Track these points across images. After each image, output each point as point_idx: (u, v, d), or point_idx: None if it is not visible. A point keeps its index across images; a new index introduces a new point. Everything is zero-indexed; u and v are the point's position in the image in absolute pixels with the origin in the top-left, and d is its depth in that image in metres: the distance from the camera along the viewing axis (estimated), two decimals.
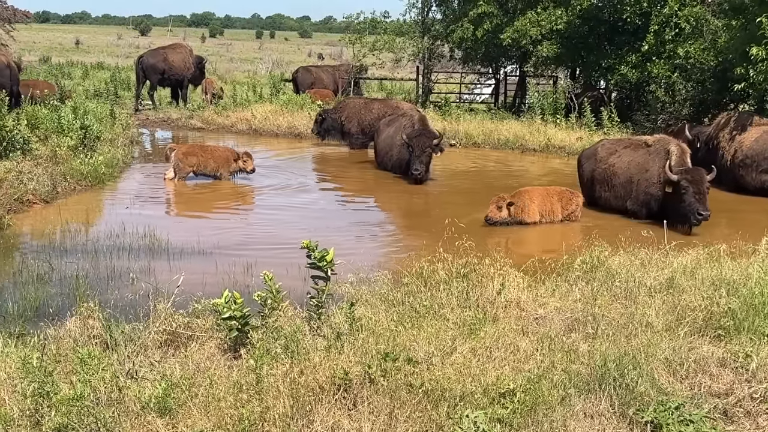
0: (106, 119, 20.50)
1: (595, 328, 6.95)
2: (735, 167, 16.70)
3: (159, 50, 30.08)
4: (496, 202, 12.90)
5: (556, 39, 26.61)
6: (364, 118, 22.00)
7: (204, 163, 16.10)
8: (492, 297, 7.73)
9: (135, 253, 10.60)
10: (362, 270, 8.75)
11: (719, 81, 22.30)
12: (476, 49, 30.31)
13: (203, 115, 26.46)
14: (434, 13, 32.70)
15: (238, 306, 6.44)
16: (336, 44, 67.67)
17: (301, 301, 7.40)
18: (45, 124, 17.58)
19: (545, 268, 9.03)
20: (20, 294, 8.47)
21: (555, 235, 12.85)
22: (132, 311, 7.48)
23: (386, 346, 6.16)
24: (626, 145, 14.78)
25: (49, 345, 6.48)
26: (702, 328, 6.95)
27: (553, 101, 25.84)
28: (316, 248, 6.89)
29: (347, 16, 33.09)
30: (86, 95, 27.45)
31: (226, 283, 8.66)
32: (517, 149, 22.78)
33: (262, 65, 55.07)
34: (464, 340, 6.52)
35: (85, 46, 77.31)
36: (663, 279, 8.32)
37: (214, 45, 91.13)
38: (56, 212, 12.68)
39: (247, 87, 34.13)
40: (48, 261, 9.87)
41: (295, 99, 27.84)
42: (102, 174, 15.40)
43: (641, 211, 13.81)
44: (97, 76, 39.40)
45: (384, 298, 7.75)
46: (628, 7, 24.40)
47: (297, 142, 23.62)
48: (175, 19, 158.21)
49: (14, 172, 13.70)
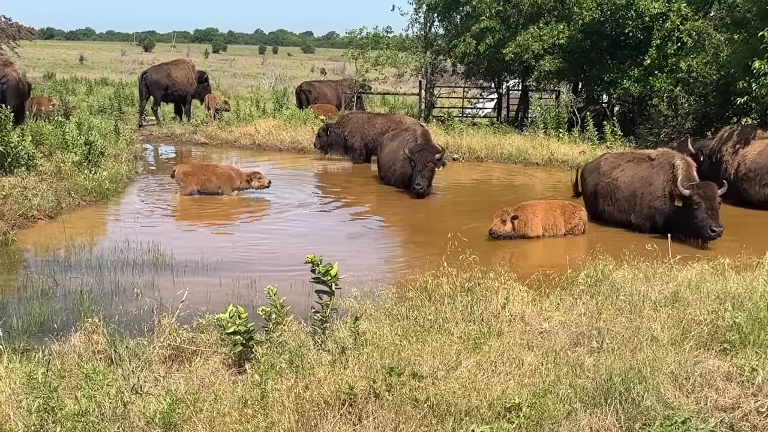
0: (110, 135, 20.56)
1: (600, 342, 6.93)
2: (738, 181, 16.68)
3: (162, 66, 30.22)
4: (500, 215, 12.90)
5: (559, 53, 26.67)
6: (367, 132, 22.05)
7: (207, 180, 16.15)
8: (496, 311, 7.72)
9: (139, 268, 10.60)
10: (366, 284, 8.74)
11: (722, 95, 22.35)
12: (479, 64, 30.38)
13: (207, 130, 26.52)
14: (437, 28, 32.80)
15: (243, 321, 6.44)
16: (339, 59, 67.85)
17: (305, 316, 7.39)
18: (50, 140, 17.62)
19: (549, 282, 9.02)
20: (25, 309, 8.47)
21: (559, 248, 12.84)
22: (136, 326, 7.47)
23: (391, 360, 6.15)
24: (629, 159, 14.79)
25: (54, 360, 6.48)
26: (707, 341, 6.93)
27: (555, 115, 25.90)
28: (321, 263, 6.90)
29: (350, 32, 33.19)
30: (90, 111, 27.55)
31: (231, 298, 8.65)
32: (521, 163, 22.79)
33: (265, 80, 55.24)
34: (469, 355, 6.51)
35: (89, 62, 77.61)
36: (668, 293, 8.31)
37: (217, 60, 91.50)
38: (60, 228, 12.70)
39: (251, 102, 34.27)
40: (52, 276, 9.88)
41: (298, 114, 27.90)
42: (106, 189, 15.43)
43: (645, 224, 13.80)
44: (101, 92, 39.54)
45: (388, 313, 7.74)
46: (630, 22, 24.48)
47: (300, 157, 23.65)
48: (179, 35, 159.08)
49: (19, 187, 13.73)
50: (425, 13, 31.53)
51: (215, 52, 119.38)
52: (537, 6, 27.58)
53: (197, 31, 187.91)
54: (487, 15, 28.14)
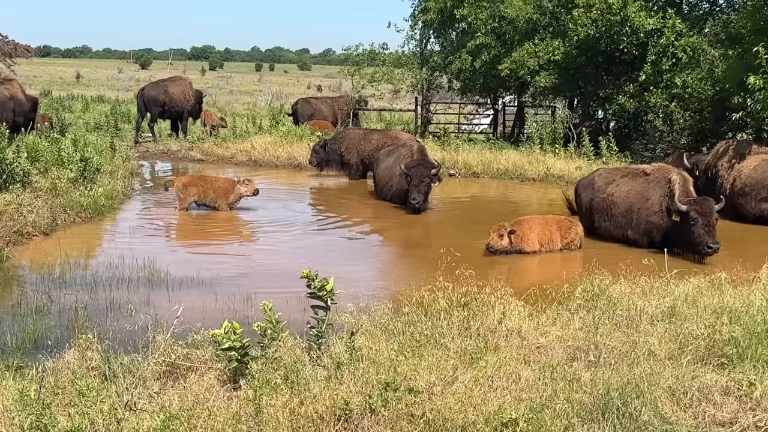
0: (106, 151, 20.55)
1: (598, 356, 6.91)
2: (734, 196, 16.69)
3: (159, 83, 30.33)
4: (497, 230, 12.89)
5: (554, 69, 26.77)
6: (364, 148, 22.07)
7: (204, 193, 16.14)
8: (493, 326, 7.70)
9: (134, 285, 10.56)
10: (362, 299, 8.71)
11: (717, 110, 22.41)
12: (474, 80, 30.53)
13: (203, 146, 26.55)
14: (432, 45, 33.00)
15: (238, 336, 6.41)
16: (335, 76, 67.99)
17: (301, 331, 7.35)
18: (45, 156, 17.61)
19: (546, 297, 9.00)
20: (19, 326, 8.42)
21: (555, 263, 12.83)
22: (131, 343, 7.43)
23: (387, 375, 6.12)
24: (623, 174, 14.79)
25: (48, 377, 6.42)
26: (705, 356, 6.91)
27: (551, 131, 25.95)
28: (316, 278, 6.87)
29: (346, 49, 33.41)
30: (87, 128, 27.56)
31: (226, 314, 8.61)
32: (517, 179, 22.81)
33: (261, 97, 55.35)
34: (466, 370, 6.48)
35: (85, 79, 77.72)
36: (665, 307, 8.29)
37: (214, 78, 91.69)
38: (56, 244, 12.66)
39: (247, 119, 34.31)
40: (47, 293, 9.83)
41: (294, 130, 27.93)
42: (102, 206, 15.39)
43: (642, 240, 13.79)
44: (98, 109, 39.57)
45: (384, 328, 7.71)
46: (625, 38, 24.60)
47: (296, 173, 23.67)
48: (176, 53, 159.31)
49: (14, 204, 13.68)
50: (421, 29, 31.74)
51: (212, 70, 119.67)
52: (532, 23, 27.74)
53: (194, 49, 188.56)
54: (483, 32, 28.31)
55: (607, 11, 24.26)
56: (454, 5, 29.27)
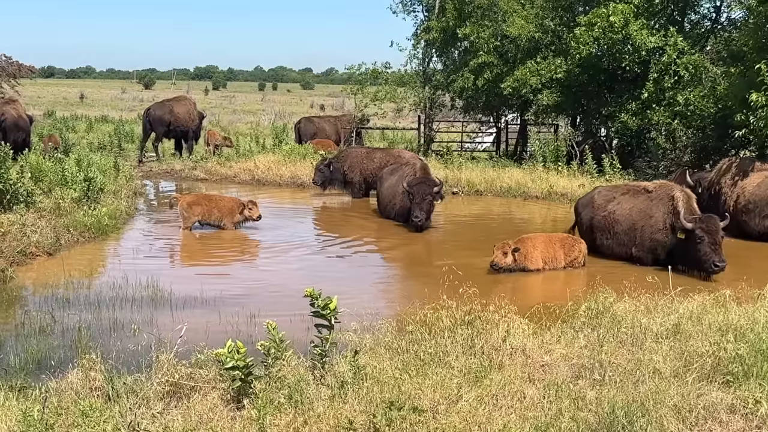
0: (109, 171, 20.61)
1: (603, 374, 6.89)
2: (738, 213, 16.66)
3: (165, 103, 30.50)
4: (501, 247, 12.88)
5: (556, 87, 26.84)
6: (366, 167, 22.10)
7: (209, 212, 16.17)
8: (497, 344, 7.68)
9: (137, 304, 10.55)
10: (366, 318, 8.70)
11: (720, 127, 22.45)
12: (477, 99, 30.63)
13: (206, 165, 26.61)
14: (435, 64, 33.12)
15: (241, 356, 6.39)
16: (338, 95, 68.21)
17: (304, 350, 7.34)
18: (49, 176, 17.66)
19: (550, 315, 8.99)
20: (22, 347, 8.41)
21: (559, 281, 12.81)
22: (134, 362, 7.41)
23: (391, 394, 6.10)
24: (624, 192, 14.76)
25: (51, 398, 6.41)
26: (710, 374, 6.88)
27: (554, 149, 25.98)
28: (320, 296, 6.87)
29: (349, 68, 33.44)
30: (90, 148, 27.67)
31: (230, 333, 8.60)
32: (520, 197, 22.81)
33: (264, 116, 55.51)
34: (470, 388, 6.46)
35: (89, 100, 78.02)
36: (669, 325, 8.27)
37: (217, 97, 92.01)
38: (59, 264, 12.66)
39: (250, 138, 34.41)
40: (50, 313, 9.83)
41: (297, 149, 28.00)
42: (105, 225, 15.40)
43: (647, 257, 13.76)
44: (101, 129, 39.73)
45: (388, 346, 7.69)
46: (627, 56, 24.65)
47: (300, 192, 23.69)
48: (179, 73, 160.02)
49: (18, 224, 13.71)
50: (423, 48, 31.84)
51: (215, 89, 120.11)
52: (534, 41, 27.85)
53: (197, 69, 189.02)
54: (485, 50, 28.43)
55: (609, 29, 24.33)
56: (457, 24, 29.42)
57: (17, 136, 23.58)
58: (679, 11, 26.45)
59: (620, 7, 24.16)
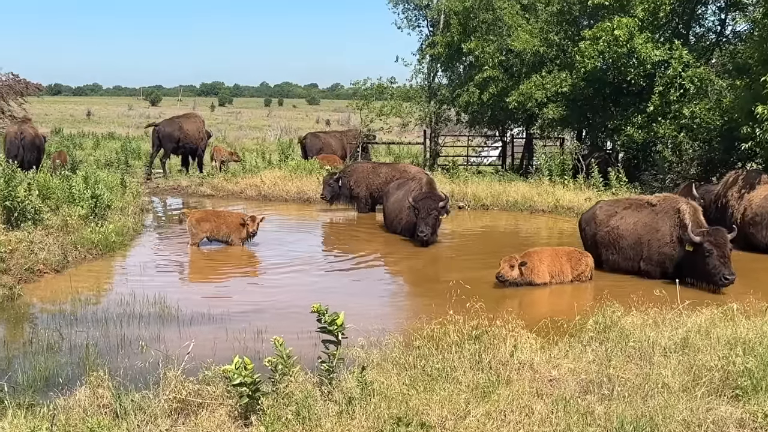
0: (116, 188, 20.66)
1: (611, 389, 6.86)
2: (745, 225, 16.63)
3: (174, 119, 30.73)
4: (508, 261, 12.86)
5: (562, 101, 26.87)
6: (373, 182, 22.13)
7: (217, 228, 16.20)
8: (505, 359, 7.66)
9: (145, 321, 10.56)
10: (373, 333, 8.70)
11: (726, 140, 22.43)
12: (482, 113, 30.67)
13: (213, 182, 26.67)
14: (440, 78, 33.14)
15: (249, 372, 6.39)
16: (344, 110, 68.40)
17: (312, 366, 7.34)
18: (56, 193, 17.71)
19: (558, 329, 8.97)
20: (30, 364, 8.42)
21: (566, 295, 12.78)
22: (142, 379, 7.42)
23: (399, 410, 6.09)
24: (626, 206, 14.69)
25: (59, 415, 6.42)
26: (719, 388, 6.85)
27: (560, 162, 25.97)
28: (326, 312, 6.87)
29: (354, 83, 33.51)
30: (97, 165, 27.77)
31: (237, 349, 8.61)
32: (526, 210, 22.79)
33: (270, 132, 55.67)
34: (478, 404, 6.44)
35: (96, 117, 78.34)
36: (677, 338, 8.25)
37: (223, 113, 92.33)
38: (67, 281, 12.69)
39: (257, 154, 34.50)
40: (58, 330, 9.84)
41: (303, 165, 28.05)
42: (112, 242, 15.44)
43: (656, 271, 13.71)
44: (108, 146, 39.86)
45: (395, 362, 7.68)
46: (632, 69, 24.67)
47: (306, 207, 23.71)
48: (185, 89, 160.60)
49: (25, 242, 13.75)
50: (428, 63, 31.90)
51: (221, 105, 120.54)
52: (539, 55, 27.89)
53: (203, 85, 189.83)
54: (490, 65, 28.49)
55: (614, 43, 24.36)
56: (461, 39, 29.48)
57: (32, 156, 24.24)
58: (684, 24, 26.49)
59: (625, 21, 24.19)
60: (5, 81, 36.90)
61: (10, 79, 36.93)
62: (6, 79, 36.81)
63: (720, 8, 26.73)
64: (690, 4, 25.78)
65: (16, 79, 37.03)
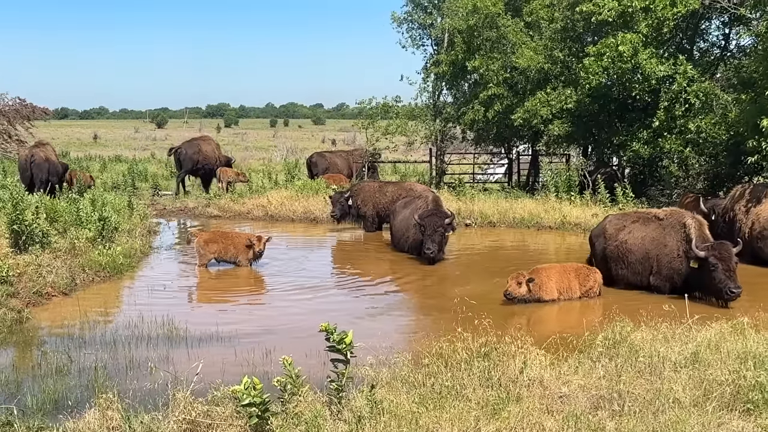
0: (123, 210, 20.72)
1: (622, 405, 6.83)
2: (753, 239, 16.59)
3: (193, 142, 31.27)
4: (516, 277, 12.84)
5: (567, 118, 26.90)
6: (379, 201, 22.17)
7: (225, 249, 16.22)
8: (514, 376, 7.64)
9: (153, 342, 10.56)
10: (382, 352, 8.68)
11: (732, 154, 22.43)
12: (488, 130, 30.73)
13: (219, 202, 26.72)
14: (445, 97, 33.27)
15: (258, 392, 6.38)
16: (349, 130, 68.67)
17: (321, 386, 7.32)
18: (64, 216, 17.77)
19: (567, 346, 8.94)
20: (39, 387, 8.42)
21: (574, 311, 12.74)
22: (151, 401, 7.42)
23: (409, 429, 6.07)
24: (634, 220, 14.66)
25: None
26: (730, 402, 6.82)
27: (566, 179, 25.98)
28: (335, 331, 6.86)
29: (359, 102, 33.62)
30: (104, 188, 27.90)
31: (246, 370, 8.59)
32: (533, 227, 22.78)
33: (276, 153, 55.86)
34: (488, 421, 6.42)
35: (102, 140, 78.78)
36: (688, 353, 8.22)
37: (229, 135, 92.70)
38: (75, 304, 12.70)
39: (263, 174, 34.60)
40: (67, 353, 9.84)
41: (310, 184, 28.11)
42: (120, 264, 15.47)
43: (665, 285, 13.66)
44: (115, 168, 40.03)
45: (405, 380, 7.67)
46: (637, 85, 24.67)
47: (313, 227, 23.74)
48: (191, 111, 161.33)
49: (33, 265, 13.77)
50: (433, 82, 32.02)
51: (227, 127, 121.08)
52: (543, 72, 27.96)
53: (209, 107, 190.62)
54: (495, 82, 28.56)
55: (618, 59, 24.39)
56: (466, 57, 29.58)
57: (54, 179, 25.51)
58: (688, 39, 26.56)
59: (629, 37, 24.24)
60: (12, 106, 37.23)
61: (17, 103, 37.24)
62: (13, 104, 37.14)
63: (724, 23, 26.81)
64: (694, 19, 25.84)
65: (23, 104, 37.35)
